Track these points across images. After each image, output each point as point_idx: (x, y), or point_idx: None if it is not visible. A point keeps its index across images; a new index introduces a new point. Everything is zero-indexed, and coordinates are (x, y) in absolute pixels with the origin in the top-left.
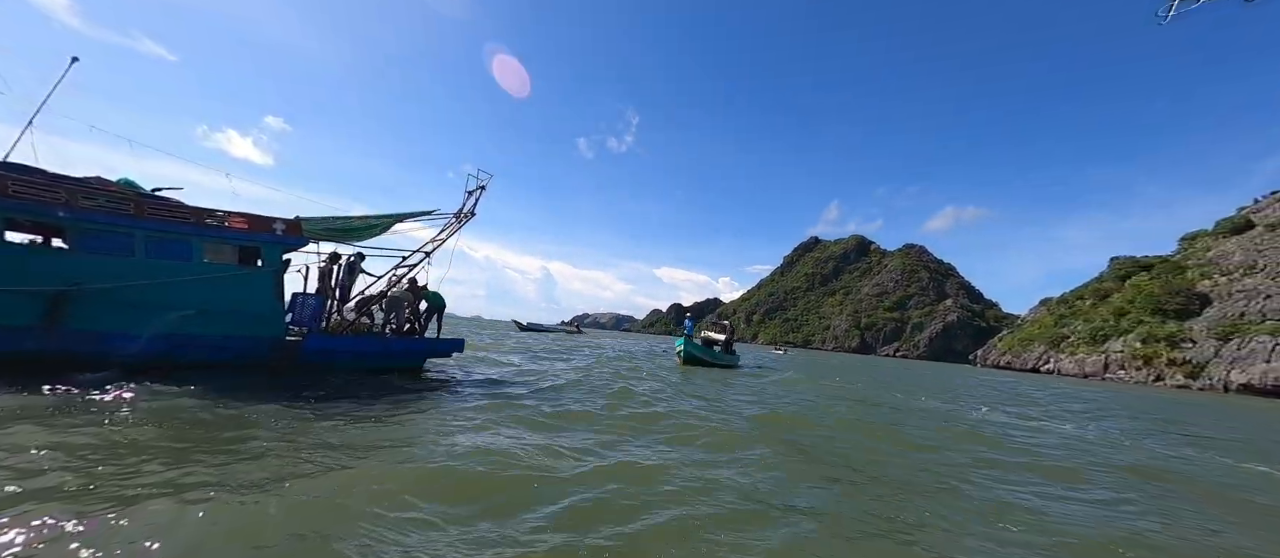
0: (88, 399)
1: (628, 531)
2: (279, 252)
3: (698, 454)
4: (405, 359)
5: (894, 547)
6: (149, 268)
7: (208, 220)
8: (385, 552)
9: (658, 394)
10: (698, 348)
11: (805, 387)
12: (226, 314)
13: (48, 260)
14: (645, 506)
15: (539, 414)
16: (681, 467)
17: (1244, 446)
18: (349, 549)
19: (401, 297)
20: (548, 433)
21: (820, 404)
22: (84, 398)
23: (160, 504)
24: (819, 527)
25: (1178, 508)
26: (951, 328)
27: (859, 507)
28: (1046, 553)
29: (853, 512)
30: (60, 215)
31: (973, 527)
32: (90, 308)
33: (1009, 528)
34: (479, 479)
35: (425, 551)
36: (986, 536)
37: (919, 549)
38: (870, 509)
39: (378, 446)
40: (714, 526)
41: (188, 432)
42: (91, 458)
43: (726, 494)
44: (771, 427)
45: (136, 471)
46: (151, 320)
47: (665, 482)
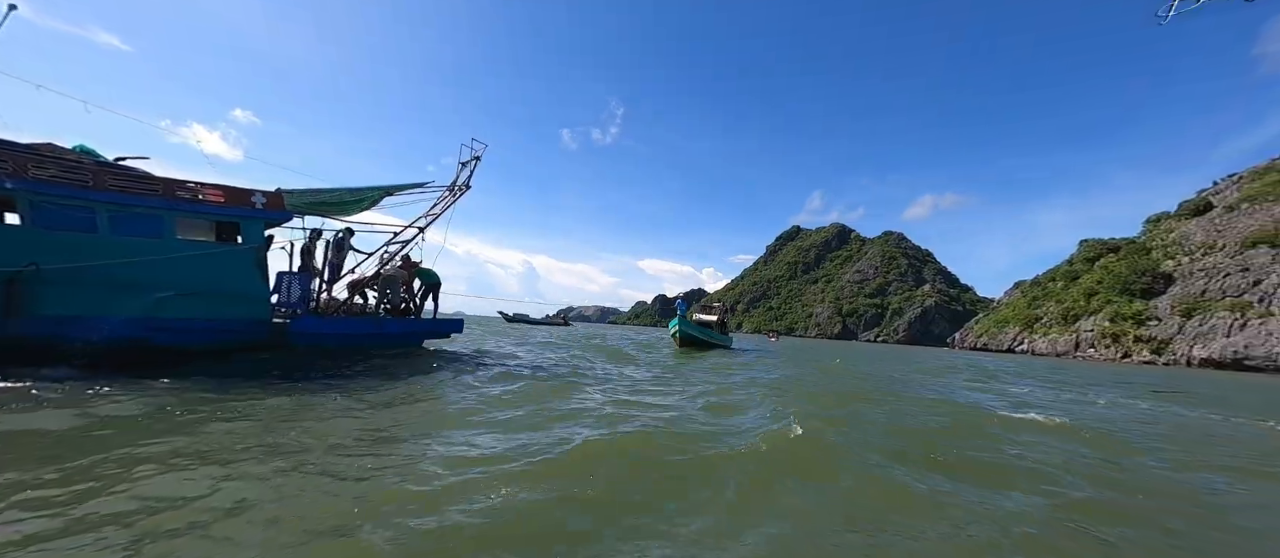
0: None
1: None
2: (260, 227)
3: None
4: (401, 341)
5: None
6: (115, 246)
7: (179, 193)
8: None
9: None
10: (693, 327)
11: (818, 365)
12: (204, 296)
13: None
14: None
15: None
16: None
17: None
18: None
19: (396, 275)
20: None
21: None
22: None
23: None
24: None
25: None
26: (929, 313)
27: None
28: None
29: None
30: (7, 186)
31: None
32: (51, 290)
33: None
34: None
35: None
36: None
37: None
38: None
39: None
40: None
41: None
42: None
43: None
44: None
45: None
46: (121, 303)
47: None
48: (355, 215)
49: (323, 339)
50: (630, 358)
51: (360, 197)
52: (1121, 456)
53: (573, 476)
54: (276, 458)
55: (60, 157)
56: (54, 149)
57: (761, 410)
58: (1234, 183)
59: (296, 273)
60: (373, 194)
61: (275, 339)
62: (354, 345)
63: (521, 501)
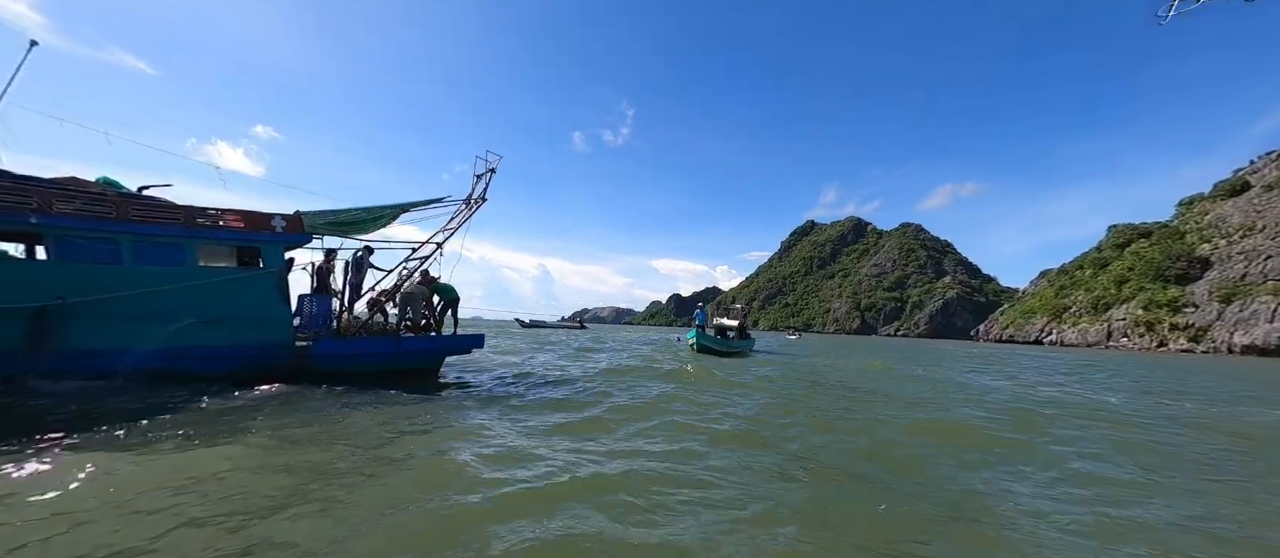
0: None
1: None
2: (280, 250)
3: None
4: (423, 359)
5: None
6: (138, 275)
7: (200, 220)
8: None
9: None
10: (710, 338)
11: (854, 362)
12: (227, 322)
13: (25, 273)
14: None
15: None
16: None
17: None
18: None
19: (416, 292)
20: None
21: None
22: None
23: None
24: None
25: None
26: (951, 305)
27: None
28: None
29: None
30: (32, 221)
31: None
32: (77, 324)
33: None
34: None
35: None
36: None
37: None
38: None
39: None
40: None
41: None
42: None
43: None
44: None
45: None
46: (146, 333)
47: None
48: (373, 234)
49: (343, 361)
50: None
51: (377, 215)
52: None
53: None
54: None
55: (84, 190)
56: (77, 182)
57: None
58: (1273, 161)
59: (315, 294)
60: (390, 212)
61: (298, 363)
62: (375, 367)
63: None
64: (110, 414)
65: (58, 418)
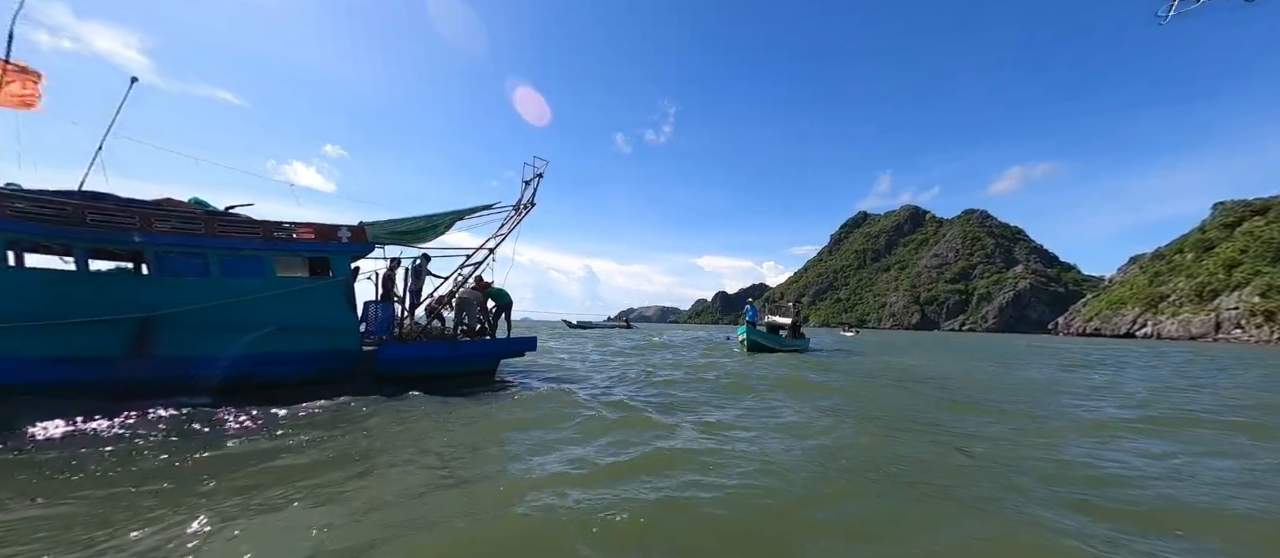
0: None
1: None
2: (347, 260)
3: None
4: (480, 362)
5: None
6: (225, 287)
7: (276, 233)
8: None
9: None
10: (762, 334)
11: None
12: (302, 330)
13: (130, 287)
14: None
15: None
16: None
17: None
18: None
19: (470, 297)
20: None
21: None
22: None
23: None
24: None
25: None
26: (1024, 296)
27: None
28: None
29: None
30: (136, 240)
31: None
32: (173, 333)
33: None
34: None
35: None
36: None
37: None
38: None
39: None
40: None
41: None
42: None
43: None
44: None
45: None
46: (233, 341)
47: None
48: (431, 242)
49: (406, 365)
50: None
51: (434, 223)
52: None
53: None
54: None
55: (178, 210)
56: (172, 203)
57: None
58: None
59: (380, 302)
60: (446, 220)
61: (364, 368)
62: (435, 370)
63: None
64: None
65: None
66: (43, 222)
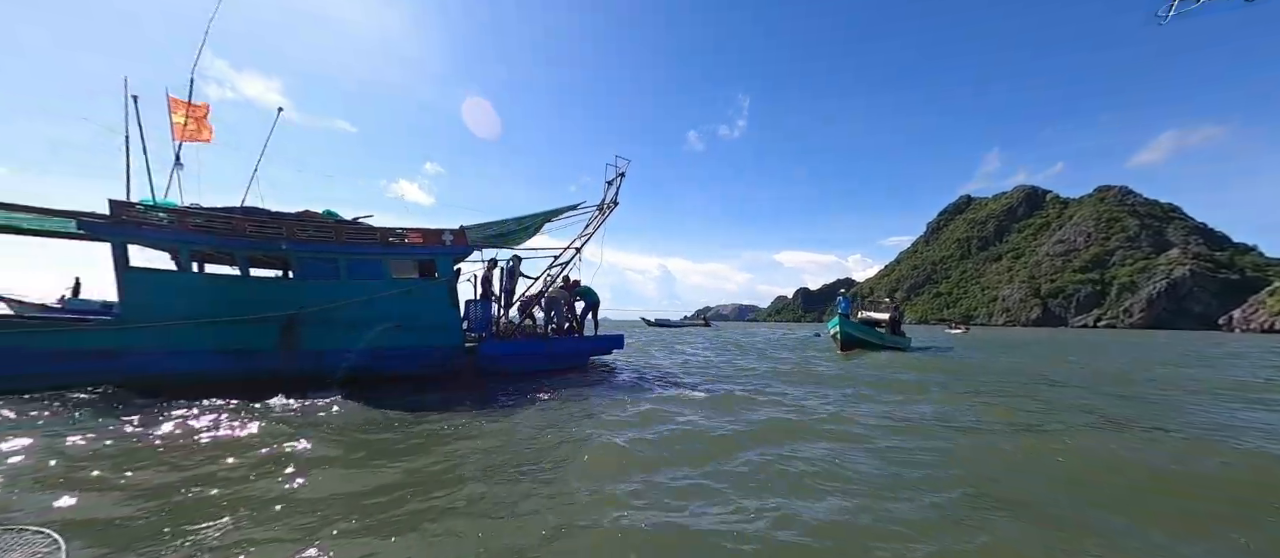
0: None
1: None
2: (450, 262)
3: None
4: (570, 358)
5: None
6: (352, 288)
7: (391, 239)
8: None
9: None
10: (858, 327)
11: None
12: (414, 327)
13: (279, 289)
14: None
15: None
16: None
17: None
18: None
19: (558, 296)
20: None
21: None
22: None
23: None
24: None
25: None
26: (1182, 285)
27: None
28: None
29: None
30: (283, 248)
31: None
32: (312, 329)
33: None
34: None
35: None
36: None
37: None
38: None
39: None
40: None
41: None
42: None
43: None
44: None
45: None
46: (359, 337)
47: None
48: (523, 243)
49: (504, 361)
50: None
51: (525, 225)
52: None
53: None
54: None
55: (315, 220)
56: (310, 214)
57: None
58: None
59: (480, 300)
60: (536, 221)
61: (468, 364)
62: (530, 366)
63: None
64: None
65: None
66: (215, 234)
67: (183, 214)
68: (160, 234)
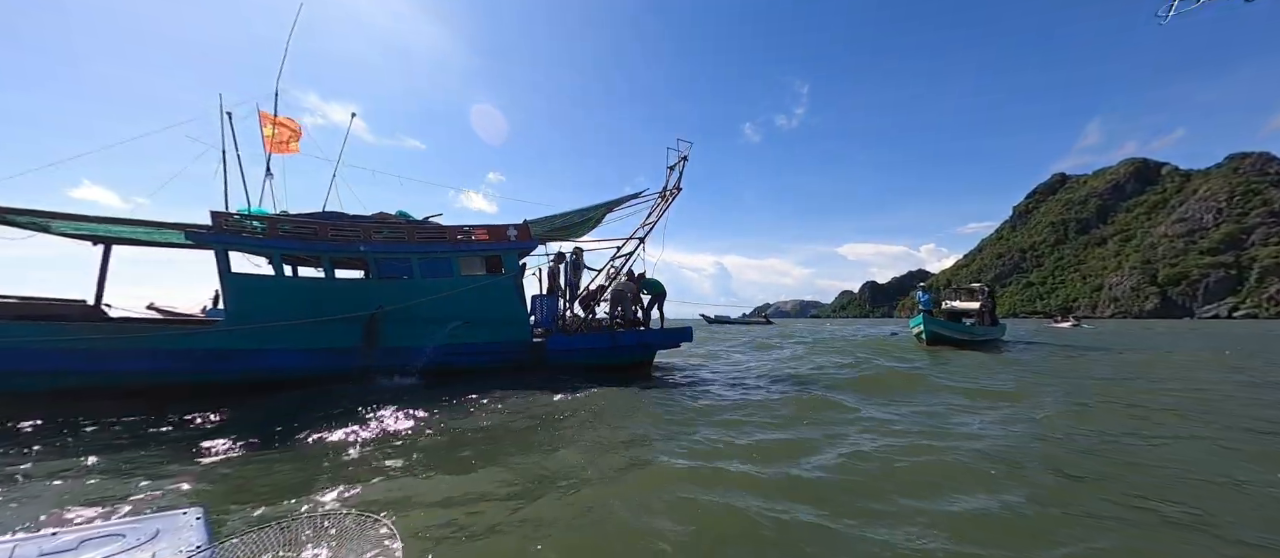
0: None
1: None
2: (516, 257)
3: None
4: (637, 352)
5: None
6: (425, 286)
7: (459, 236)
8: None
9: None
10: (943, 324)
11: None
12: (484, 322)
13: (360, 289)
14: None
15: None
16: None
17: None
18: None
19: (624, 289)
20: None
21: None
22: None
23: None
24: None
25: None
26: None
27: None
28: None
29: None
30: (361, 250)
31: None
32: (390, 327)
33: None
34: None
35: None
36: None
37: None
38: None
39: None
40: None
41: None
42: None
43: None
44: None
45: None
46: (433, 333)
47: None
48: (585, 235)
49: (572, 355)
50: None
51: (587, 217)
52: None
53: None
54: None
55: (389, 222)
56: (384, 216)
57: None
58: None
59: (546, 295)
60: (598, 212)
61: (536, 358)
62: (597, 360)
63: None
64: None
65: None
66: (302, 239)
67: (273, 221)
68: (255, 241)
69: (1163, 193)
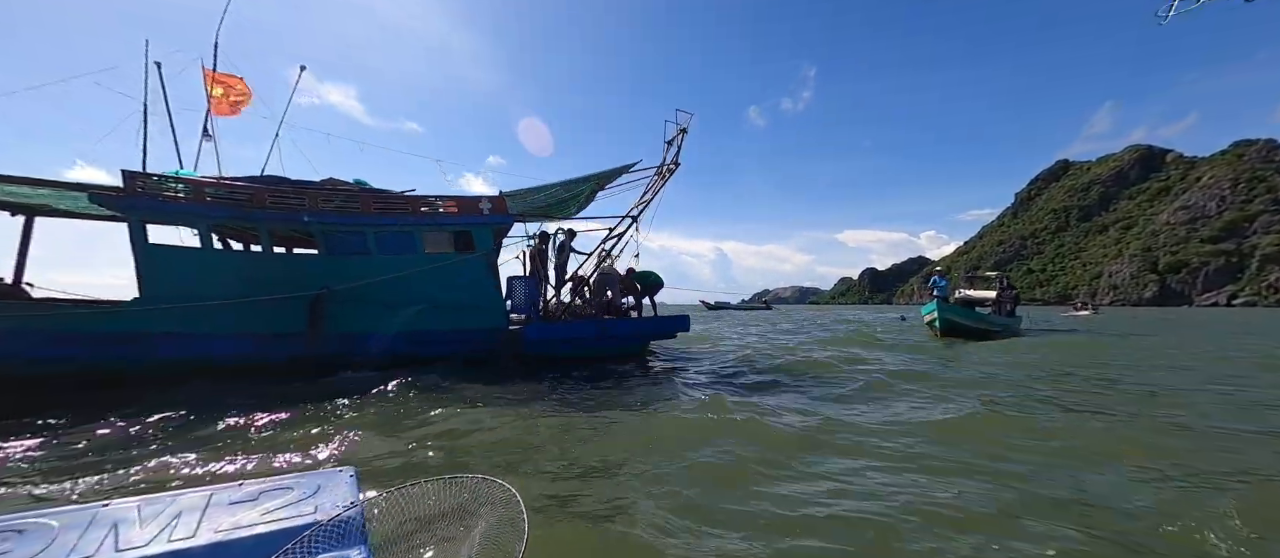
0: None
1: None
2: (489, 234)
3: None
4: (628, 342)
5: None
6: (382, 264)
7: (422, 209)
8: None
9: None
10: (960, 311)
11: None
12: (451, 306)
13: (305, 266)
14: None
15: None
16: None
17: None
18: None
19: (612, 272)
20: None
21: None
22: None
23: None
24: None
25: None
26: None
27: None
28: None
29: None
30: (305, 220)
31: None
32: (340, 310)
33: None
34: None
35: None
36: None
37: None
38: None
39: None
40: None
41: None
42: None
43: None
44: None
45: None
46: (391, 318)
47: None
48: (575, 214)
49: (553, 345)
50: None
51: (574, 192)
52: None
53: None
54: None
55: (341, 189)
56: (336, 184)
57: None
58: None
59: (524, 278)
60: (585, 188)
61: (512, 346)
62: (582, 351)
63: None
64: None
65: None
66: (236, 206)
67: (199, 185)
68: (177, 207)
69: (1166, 181)
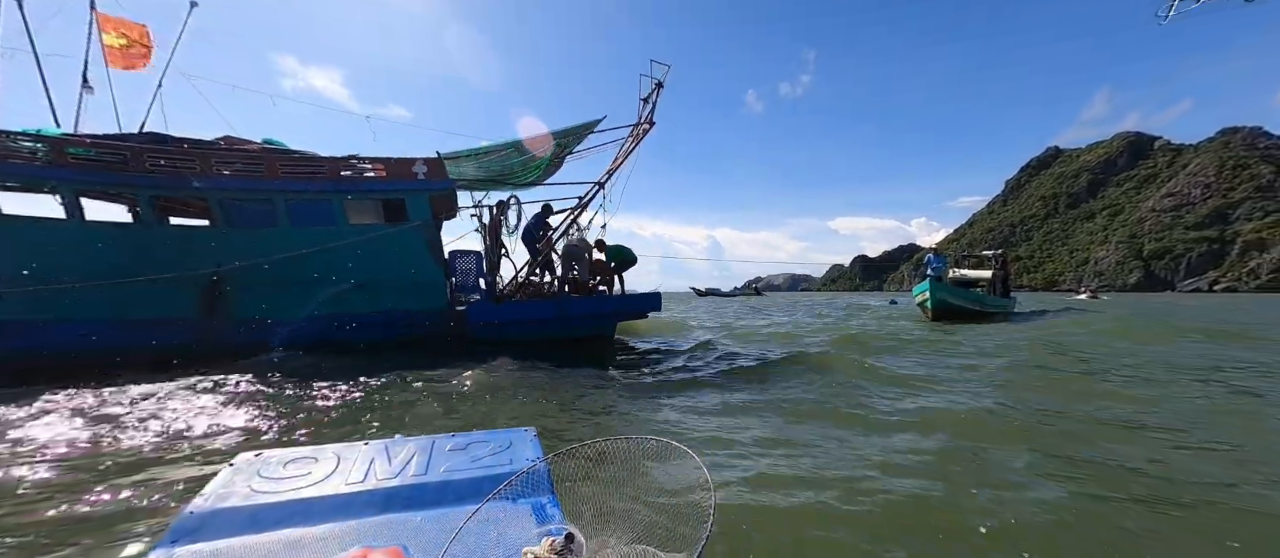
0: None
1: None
2: (425, 201)
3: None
4: (593, 324)
5: None
6: (293, 238)
7: (344, 172)
8: None
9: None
10: (954, 292)
11: None
12: (381, 285)
13: (197, 240)
14: None
15: None
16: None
17: None
18: None
19: (579, 245)
20: None
21: None
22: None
23: None
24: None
25: None
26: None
27: None
28: None
29: None
30: (195, 185)
31: None
32: (243, 292)
33: None
34: None
35: None
36: None
37: None
38: None
39: None
40: None
41: None
42: None
43: None
44: None
45: None
46: (306, 300)
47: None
48: (541, 181)
49: (503, 329)
50: None
51: (536, 162)
52: None
53: None
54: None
55: (241, 151)
56: (233, 141)
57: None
58: None
59: (469, 252)
60: (550, 151)
61: (456, 330)
62: (539, 334)
63: None
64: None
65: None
66: (108, 169)
67: (60, 144)
68: (32, 170)
69: (1153, 168)
